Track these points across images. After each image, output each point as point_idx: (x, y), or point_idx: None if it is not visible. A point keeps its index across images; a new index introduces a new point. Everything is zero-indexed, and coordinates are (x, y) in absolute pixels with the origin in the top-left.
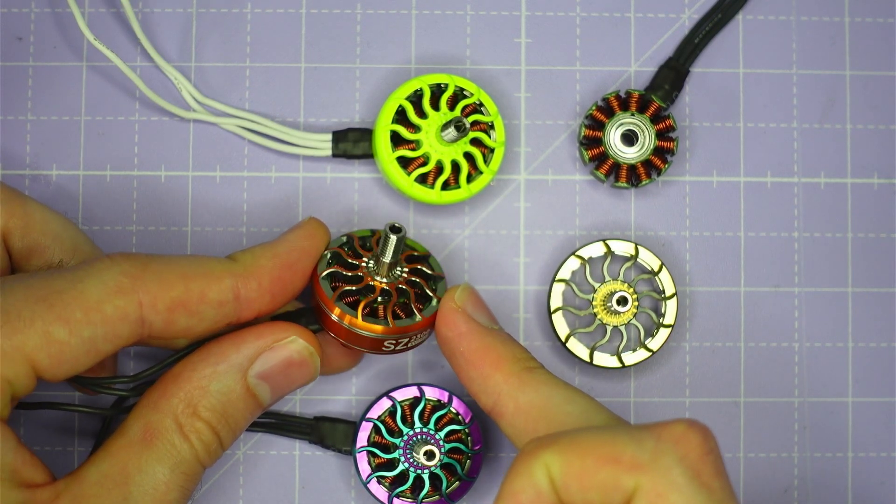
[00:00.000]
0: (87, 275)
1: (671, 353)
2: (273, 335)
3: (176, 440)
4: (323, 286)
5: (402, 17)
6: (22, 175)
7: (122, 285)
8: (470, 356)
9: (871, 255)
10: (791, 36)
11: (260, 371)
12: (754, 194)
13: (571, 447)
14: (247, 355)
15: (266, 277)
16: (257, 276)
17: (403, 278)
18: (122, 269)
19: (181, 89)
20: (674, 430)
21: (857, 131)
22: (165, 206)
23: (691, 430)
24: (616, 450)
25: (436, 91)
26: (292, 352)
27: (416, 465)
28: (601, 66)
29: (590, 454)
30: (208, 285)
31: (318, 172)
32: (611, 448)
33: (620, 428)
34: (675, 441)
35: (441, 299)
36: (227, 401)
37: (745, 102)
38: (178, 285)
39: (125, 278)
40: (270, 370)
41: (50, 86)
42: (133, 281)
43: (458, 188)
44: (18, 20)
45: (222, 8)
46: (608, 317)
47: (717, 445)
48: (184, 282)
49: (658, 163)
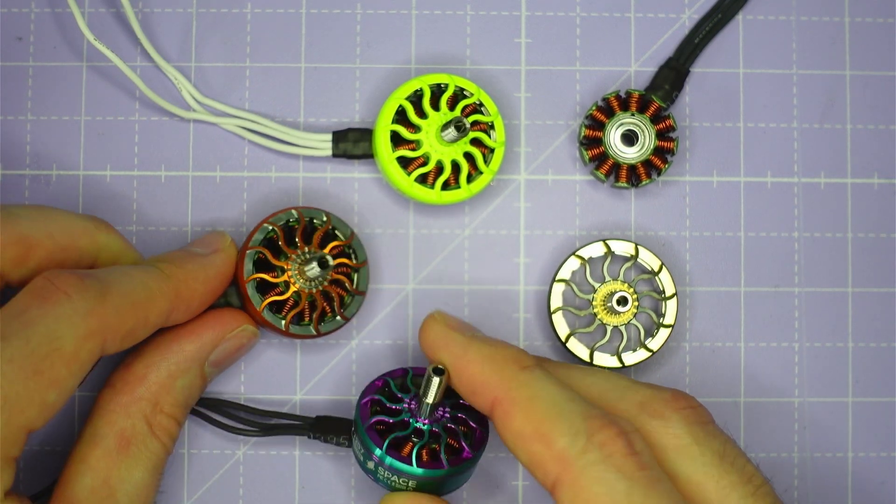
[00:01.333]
0: (56, 324)
1: (671, 353)
2: (225, 327)
3: (149, 442)
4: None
5: (402, 17)
6: (22, 175)
7: (90, 329)
8: None
9: (871, 255)
10: (791, 36)
11: (214, 360)
12: (754, 194)
13: (524, 407)
14: (204, 349)
15: (196, 302)
16: (187, 300)
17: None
18: (85, 307)
19: (181, 89)
20: (605, 432)
21: (857, 131)
22: (165, 206)
23: (619, 437)
24: (553, 434)
25: (436, 91)
26: (243, 339)
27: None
28: (601, 66)
29: (530, 423)
30: (150, 310)
31: (318, 172)
32: (550, 428)
33: (569, 411)
34: (602, 444)
35: None
36: (189, 393)
37: (745, 102)
38: (131, 317)
39: (92, 320)
40: (224, 357)
41: (50, 86)
42: (98, 321)
43: (458, 188)
44: (18, 20)
45: (222, 8)
46: (608, 317)
47: (646, 447)
48: (134, 311)
49: (658, 163)
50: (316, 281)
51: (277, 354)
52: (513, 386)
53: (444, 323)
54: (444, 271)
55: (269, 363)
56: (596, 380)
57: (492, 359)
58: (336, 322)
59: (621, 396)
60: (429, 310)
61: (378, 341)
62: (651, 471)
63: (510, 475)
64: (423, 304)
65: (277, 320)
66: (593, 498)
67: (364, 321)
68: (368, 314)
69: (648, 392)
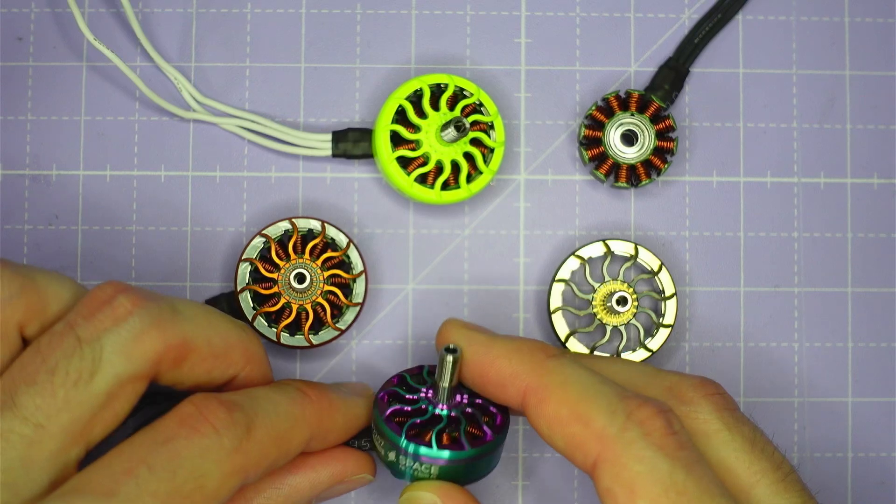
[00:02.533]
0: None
1: (671, 353)
2: (347, 469)
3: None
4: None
5: (402, 17)
6: (22, 175)
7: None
8: None
9: (870, 255)
10: (791, 36)
11: (323, 497)
12: (754, 194)
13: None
14: (317, 487)
15: (333, 435)
16: (327, 430)
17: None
18: (232, 444)
19: (181, 89)
20: (643, 411)
21: (856, 131)
22: (165, 206)
23: (658, 415)
24: (590, 414)
25: (436, 91)
26: (359, 484)
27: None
28: (601, 66)
29: (566, 406)
30: (293, 441)
31: (318, 172)
32: (586, 409)
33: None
34: (641, 422)
35: None
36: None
37: (745, 102)
38: (274, 451)
39: (238, 457)
40: (332, 496)
41: (50, 86)
42: (243, 458)
43: (458, 188)
44: (18, 20)
45: (222, 8)
46: (608, 317)
47: (683, 427)
48: (277, 445)
49: (658, 163)
50: (308, 292)
51: (276, 360)
52: (543, 373)
53: (463, 325)
54: (444, 271)
55: None
56: (621, 367)
57: (518, 350)
58: (330, 333)
59: (648, 382)
60: (429, 309)
61: (378, 341)
62: (691, 451)
63: (510, 475)
64: (423, 304)
65: (269, 331)
66: (635, 477)
67: (364, 321)
68: (368, 314)
69: (675, 378)
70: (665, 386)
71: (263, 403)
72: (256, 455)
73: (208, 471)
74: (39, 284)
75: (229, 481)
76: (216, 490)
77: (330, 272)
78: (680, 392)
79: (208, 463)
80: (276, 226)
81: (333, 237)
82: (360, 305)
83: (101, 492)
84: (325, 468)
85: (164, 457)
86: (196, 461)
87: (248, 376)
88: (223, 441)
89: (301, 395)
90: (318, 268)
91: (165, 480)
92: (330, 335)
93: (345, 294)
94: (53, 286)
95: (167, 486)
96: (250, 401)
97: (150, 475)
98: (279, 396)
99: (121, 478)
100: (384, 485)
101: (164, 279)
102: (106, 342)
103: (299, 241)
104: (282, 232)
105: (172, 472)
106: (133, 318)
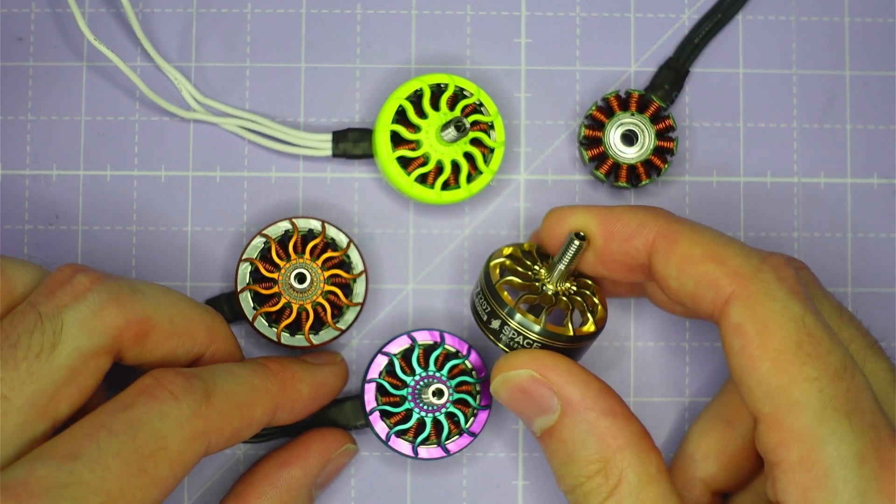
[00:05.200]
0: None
1: (671, 353)
2: (330, 447)
3: None
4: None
5: (402, 17)
6: (22, 175)
7: (196, 430)
8: None
9: (871, 255)
10: (791, 36)
11: (320, 482)
12: (754, 194)
13: (690, 234)
14: (311, 473)
15: (300, 405)
16: (292, 401)
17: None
18: (191, 408)
19: (181, 89)
20: (775, 258)
21: (857, 131)
22: (165, 206)
23: (789, 264)
24: (724, 253)
25: (436, 91)
26: (346, 458)
27: (423, 408)
28: (601, 66)
29: (699, 245)
30: (255, 410)
31: (318, 172)
32: (721, 249)
33: (739, 242)
34: (776, 266)
35: None
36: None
37: (745, 102)
38: (236, 417)
39: (198, 421)
40: (329, 478)
41: (50, 86)
42: (204, 423)
43: (458, 188)
44: (18, 20)
45: (222, 8)
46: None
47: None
48: (239, 412)
49: (658, 163)
50: (308, 292)
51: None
52: (672, 220)
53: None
54: (444, 271)
55: None
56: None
57: (642, 208)
58: (330, 333)
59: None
60: (429, 309)
61: (378, 341)
62: (814, 303)
63: (510, 475)
64: (424, 304)
65: (269, 331)
66: (769, 314)
67: (364, 321)
68: (369, 314)
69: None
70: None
71: (222, 373)
72: (217, 420)
73: (169, 433)
74: (5, 270)
75: (192, 444)
76: (179, 452)
77: (330, 272)
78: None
79: (168, 426)
80: (276, 226)
81: (333, 237)
82: (360, 305)
83: (63, 455)
84: (311, 450)
85: (123, 421)
86: (156, 424)
87: (215, 355)
88: (182, 406)
89: (262, 367)
90: (319, 268)
91: (126, 442)
92: (330, 335)
93: (345, 294)
94: (18, 271)
95: (128, 447)
96: (209, 371)
97: (111, 438)
98: (239, 368)
99: (83, 442)
100: (385, 486)
101: (164, 279)
102: (66, 317)
103: (299, 241)
104: (282, 232)
105: (132, 435)
106: (92, 293)
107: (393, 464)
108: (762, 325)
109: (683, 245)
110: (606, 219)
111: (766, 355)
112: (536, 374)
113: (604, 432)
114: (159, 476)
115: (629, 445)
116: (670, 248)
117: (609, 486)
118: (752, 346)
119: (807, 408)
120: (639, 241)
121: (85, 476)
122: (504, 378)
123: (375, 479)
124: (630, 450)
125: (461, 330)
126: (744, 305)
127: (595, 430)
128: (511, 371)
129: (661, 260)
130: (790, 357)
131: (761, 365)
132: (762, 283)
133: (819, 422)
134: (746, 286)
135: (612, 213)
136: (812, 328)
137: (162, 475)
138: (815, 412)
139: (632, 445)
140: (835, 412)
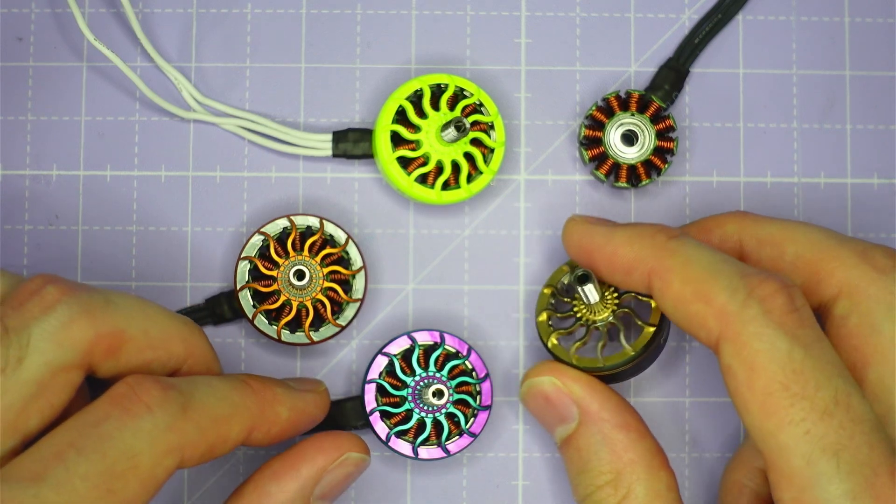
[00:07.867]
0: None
1: (671, 353)
2: (326, 457)
3: None
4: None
5: (402, 17)
6: (22, 175)
7: (170, 445)
8: None
9: None
10: (791, 36)
11: (321, 493)
12: (754, 194)
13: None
14: (307, 485)
15: (277, 428)
16: (270, 422)
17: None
18: (166, 422)
19: (181, 89)
20: (765, 287)
21: (857, 131)
22: (165, 207)
23: (781, 291)
24: (712, 291)
25: (436, 91)
26: (350, 466)
27: (423, 409)
28: (601, 66)
29: (689, 284)
30: (232, 427)
31: (318, 172)
32: (708, 288)
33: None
34: (763, 299)
35: None
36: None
37: (745, 102)
38: (212, 433)
39: (172, 436)
40: (332, 489)
41: (50, 86)
42: (178, 437)
43: (458, 188)
44: (18, 20)
45: (222, 8)
46: (588, 315)
47: (806, 304)
48: (215, 427)
49: (658, 163)
50: (307, 289)
51: (276, 358)
52: (665, 255)
53: (584, 221)
54: (444, 271)
55: (268, 365)
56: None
57: (639, 235)
58: (330, 329)
59: (838, 245)
60: (429, 309)
61: (378, 341)
62: (811, 329)
63: (510, 475)
64: (423, 304)
65: (270, 329)
66: (754, 355)
67: (364, 321)
68: (368, 314)
69: (866, 244)
70: (857, 251)
71: (201, 386)
72: (193, 435)
73: (141, 450)
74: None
75: (164, 460)
76: (151, 469)
77: (329, 268)
78: (873, 258)
79: (140, 442)
80: (274, 223)
81: (332, 233)
82: (360, 301)
83: (28, 477)
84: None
85: (93, 439)
86: (128, 441)
87: (192, 369)
88: (156, 419)
89: (242, 384)
90: (318, 264)
91: (95, 462)
92: (330, 332)
93: (345, 290)
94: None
95: (98, 468)
96: (188, 382)
97: (80, 458)
98: (219, 382)
99: (50, 462)
100: (385, 486)
101: (164, 279)
102: (34, 330)
103: (298, 238)
104: (280, 229)
105: (102, 454)
106: (61, 305)
107: (393, 464)
108: (749, 368)
109: (675, 286)
110: (606, 252)
111: (755, 398)
112: (558, 382)
113: (617, 444)
114: (128, 496)
115: (641, 460)
116: (663, 288)
117: (617, 498)
118: (742, 389)
119: (794, 452)
120: (636, 277)
121: (50, 499)
122: (529, 385)
123: (375, 480)
124: (641, 464)
125: (461, 330)
126: (731, 347)
127: (609, 442)
128: (535, 378)
129: (658, 297)
130: (777, 400)
131: (752, 408)
132: (747, 323)
133: (806, 464)
134: (732, 326)
135: (611, 245)
136: (800, 364)
137: (131, 494)
138: (801, 455)
139: (644, 460)
140: (822, 453)
